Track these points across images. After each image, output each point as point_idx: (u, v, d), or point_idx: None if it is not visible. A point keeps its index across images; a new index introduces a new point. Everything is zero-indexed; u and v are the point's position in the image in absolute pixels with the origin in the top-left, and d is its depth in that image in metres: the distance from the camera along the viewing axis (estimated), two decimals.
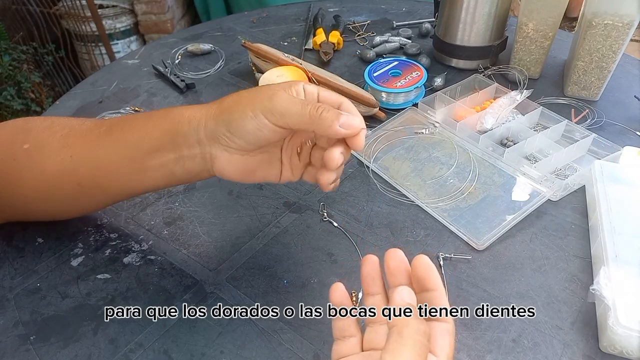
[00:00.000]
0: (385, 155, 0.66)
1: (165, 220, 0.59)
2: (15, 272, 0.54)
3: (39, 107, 1.73)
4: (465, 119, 0.68)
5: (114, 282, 0.52)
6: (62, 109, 0.78)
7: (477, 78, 0.76)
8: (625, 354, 0.44)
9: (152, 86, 0.83)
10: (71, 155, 0.47)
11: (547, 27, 0.74)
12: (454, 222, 0.57)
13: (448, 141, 0.67)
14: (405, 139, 0.68)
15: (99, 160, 0.47)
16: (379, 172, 0.64)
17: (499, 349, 0.46)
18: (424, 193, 0.61)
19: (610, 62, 0.70)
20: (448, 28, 0.81)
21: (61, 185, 0.49)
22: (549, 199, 0.59)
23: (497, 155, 0.64)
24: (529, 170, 0.61)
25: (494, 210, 0.58)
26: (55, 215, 0.57)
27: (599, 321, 0.47)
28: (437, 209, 0.59)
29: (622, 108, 0.73)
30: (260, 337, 0.47)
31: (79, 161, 0.48)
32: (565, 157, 0.63)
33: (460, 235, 0.56)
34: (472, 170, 0.63)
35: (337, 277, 0.52)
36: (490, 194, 0.60)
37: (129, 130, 0.47)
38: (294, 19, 1.02)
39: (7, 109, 1.62)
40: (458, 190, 0.61)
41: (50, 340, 0.47)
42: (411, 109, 0.73)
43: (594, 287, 0.46)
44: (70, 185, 0.49)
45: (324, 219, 0.58)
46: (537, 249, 0.55)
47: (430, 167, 0.64)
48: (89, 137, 0.48)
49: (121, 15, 2.02)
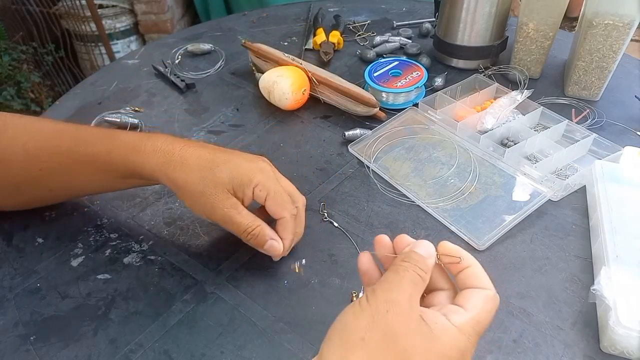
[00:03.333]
0: (385, 156, 0.66)
1: (166, 220, 0.59)
2: (15, 272, 0.54)
3: (38, 107, 1.73)
4: (466, 119, 0.68)
5: (114, 282, 0.52)
6: (62, 109, 0.78)
7: (477, 78, 0.76)
8: (626, 354, 0.44)
9: (152, 86, 0.83)
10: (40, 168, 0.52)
11: (548, 27, 0.74)
12: (455, 223, 0.57)
13: (448, 141, 0.67)
14: (405, 139, 0.68)
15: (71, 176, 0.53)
16: (380, 173, 0.64)
17: (500, 349, 0.46)
18: (424, 193, 0.61)
19: (610, 62, 0.70)
20: (448, 28, 0.81)
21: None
22: (549, 199, 0.59)
23: (497, 155, 0.64)
24: (529, 170, 0.61)
25: (494, 211, 0.58)
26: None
27: (600, 321, 0.47)
28: (438, 209, 0.59)
29: (622, 108, 0.73)
30: (260, 337, 0.47)
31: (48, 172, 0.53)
32: (566, 157, 0.63)
33: (461, 236, 0.56)
34: (473, 170, 0.63)
35: (337, 277, 0.52)
36: (490, 194, 0.60)
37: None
38: (294, 19, 1.02)
39: (7, 109, 1.62)
40: (458, 190, 0.61)
41: (50, 340, 0.47)
42: (411, 109, 0.72)
43: (595, 287, 0.46)
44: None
45: (325, 219, 0.58)
46: (537, 249, 0.55)
47: (431, 167, 0.64)
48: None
49: (121, 15, 2.02)
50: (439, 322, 0.31)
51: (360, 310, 0.31)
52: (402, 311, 0.31)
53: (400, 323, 0.30)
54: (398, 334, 0.30)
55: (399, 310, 0.31)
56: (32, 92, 1.75)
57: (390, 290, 0.32)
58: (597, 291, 0.45)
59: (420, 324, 0.31)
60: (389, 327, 0.30)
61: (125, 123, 0.72)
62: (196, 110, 0.77)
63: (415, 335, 0.30)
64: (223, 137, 0.71)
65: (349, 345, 0.31)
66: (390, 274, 0.33)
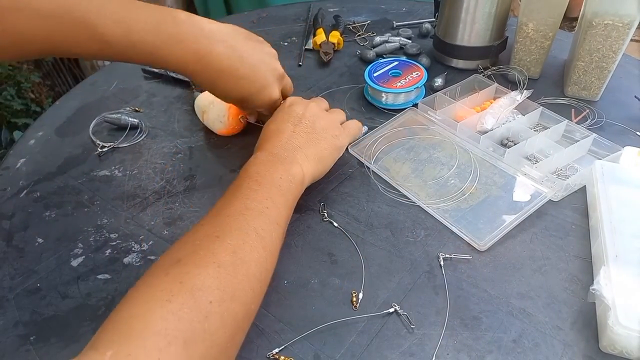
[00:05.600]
0: (385, 156, 0.66)
1: (166, 220, 0.59)
2: (15, 272, 0.54)
3: (38, 107, 1.73)
4: (466, 120, 0.68)
5: (114, 282, 0.52)
6: (62, 109, 0.78)
7: (476, 78, 0.76)
8: (625, 354, 0.44)
9: (152, 86, 0.83)
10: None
11: (547, 27, 0.74)
12: (456, 223, 0.57)
13: (448, 142, 0.67)
14: (405, 139, 0.68)
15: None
16: (380, 174, 0.64)
17: (500, 349, 0.46)
18: (425, 194, 0.61)
19: (610, 62, 0.70)
20: (448, 28, 0.81)
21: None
22: (550, 200, 0.59)
23: (497, 155, 0.64)
24: (530, 170, 0.61)
25: (495, 211, 0.58)
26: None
27: (599, 321, 0.47)
28: (439, 209, 0.59)
29: (622, 108, 0.73)
30: (260, 337, 0.47)
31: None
32: (566, 157, 0.63)
33: (462, 236, 0.56)
34: (473, 170, 0.63)
35: (337, 277, 0.52)
36: (491, 194, 0.60)
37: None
38: (294, 19, 1.02)
39: (7, 109, 1.62)
40: (459, 190, 0.61)
41: (50, 340, 0.47)
42: (411, 109, 0.72)
43: (594, 287, 0.46)
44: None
45: (324, 219, 0.58)
46: (537, 249, 0.55)
47: (431, 168, 0.64)
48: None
49: None
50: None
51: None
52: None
53: None
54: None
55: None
56: (32, 92, 1.75)
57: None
58: (597, 291, 0.45)
59: None
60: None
61: (125, 123, 0.72)
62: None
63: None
64: (223, 137, 0.71)
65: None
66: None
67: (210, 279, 0.39)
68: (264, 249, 0.44)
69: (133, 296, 0.38)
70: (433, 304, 0.49)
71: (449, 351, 0.46)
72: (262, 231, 0.45)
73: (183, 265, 0.40)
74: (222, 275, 0.40)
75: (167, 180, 0.65)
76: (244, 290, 0.41)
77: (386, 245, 0.55)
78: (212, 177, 0.65)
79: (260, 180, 0.50)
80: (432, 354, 0.45)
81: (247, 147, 0.69)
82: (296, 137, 0.56)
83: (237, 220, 0.45)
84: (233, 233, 0.43)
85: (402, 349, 0.46)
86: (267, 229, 0.46)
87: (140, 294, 0.38)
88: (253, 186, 0.49)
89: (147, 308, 0.36)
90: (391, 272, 0.52)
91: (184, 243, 0.43)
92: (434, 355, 0.45)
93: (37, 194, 0.63)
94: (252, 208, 0.46)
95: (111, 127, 0.74)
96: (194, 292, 0.37)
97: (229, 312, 0.39)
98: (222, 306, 0.38)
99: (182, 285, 0.38)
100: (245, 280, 0.41)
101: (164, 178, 0.65)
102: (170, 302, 0.36)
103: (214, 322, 0.37)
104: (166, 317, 0.35)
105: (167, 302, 0.36)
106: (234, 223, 0.45)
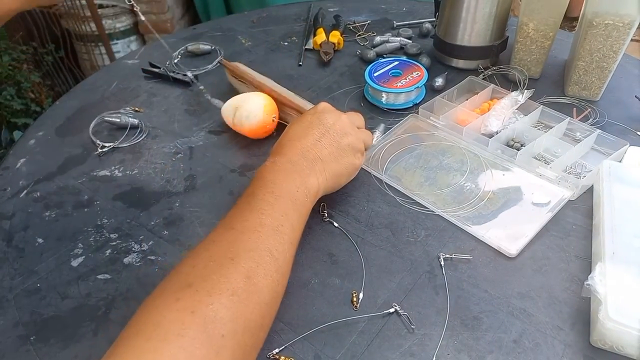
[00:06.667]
0: (394, 165, 0.65)
1: (166, 220, 0.59)
2: (15, 273, 0.53)
3: (38, 107, 1.73)
4: (470, 123, 0.68)
5: (114, 282, 0.52)
6: (62, 109, 0.78)
7: (472, 80, 0.76)
8: (615, 349, 0.44)
9: (152, 86, 0.83)
10: None
11: (548, 27, 0.74)
12: (481, 231, 0.55)
13: (456, 147, 0.67)
14: (411, 147, 0.67)
15: None
16: (393, 184, 0.62)
17: (500, 350, 0.45)
18: (442, 202, 0.59)
19: (610, 62, 0.70)
20: (449, 28, 0.81)
21: None
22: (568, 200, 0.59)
23: (508, 157, 0.64)
24: (545, 171, 0.61)
25: (517, 215, 0.57)
26: None
27: (592, 316, 0.47)
28: (459, 217, 0.57)
29: (622, 108, 0.73)
30: None
31: None
32: (575, 155, 0.63)
33: (491, 245, 0.54)
34: (486, 174, 0.62)
35: (337, 277, 0.52)
36: (510, 197, 0.59)
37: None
38: (294, 19, 1.02)
39: (7, 109, 1.62)
40: (476, 196, 0.60)
41: (50, 340, 0.47)
42: (412, 115, 0.72)
43: (588, 281, 0.45)
44: None
45: (325, 220, 0.58)
46: (537, 249, 0.55)
47: (444, 175, 0.63)
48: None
49: (121, 15, 2.02)
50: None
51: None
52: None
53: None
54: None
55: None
56: (32, 92, 1.75)
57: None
58: (590, 285, 0.45)
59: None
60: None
61: (125, 123, 0.72)
62: (196, 111, 0.77)
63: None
64: (223, 137, 0.71)
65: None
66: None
67: (223, 310, 0.37)
68: (277, 271, 0.43)
69: (142, 321, 0.36)
70: (433, 304, 0.49)
71: (449, 351, 0.45)
72: (276, 252, 0.44)
73: (195, 291, 0.38)
74: (235, 304, 0.38)
75: (167, 180, 0.65)
76: (255, 320, 0.40)
77: (386, 245, 0.55)
78: (212, 177, 0.65)
79: (277, 192, 0.48)
80: (433, 354, 0.45)
81: (247, 147, 0.69)
82: (320, 147, 0.54)
83: (251, 239, 0.43)
84: (247, 254, 0.42)
85: (403, 349, 0.46)
86: (281, 249, 0.44)
87: (150, 321, 0.36)
88: (268, 198, 0.47)
89: (157, 341, 0.34)
90: (391, 272, 0.52)
91: (196, 262, 0.41)
92: (434, 355, 0.45)
93: (37, 194, 0.63)
94: (267, 225, 0.45)
95: (111, 127, 0.73)
96: (207, 325, 0.36)
97: (239, 345, 0.37)
98: (234, 339, 0.37)
99: (194, 316, 0.36)
100: (257, 308, 0.40)
101: (164, 178, 0.65)
102: (182, 336, 0.34)
103: (224, 357, 0.36)
104: (177, 355, 0.34)
105: (179, 336, 0.34)
106: (248, 242, 0.43)
